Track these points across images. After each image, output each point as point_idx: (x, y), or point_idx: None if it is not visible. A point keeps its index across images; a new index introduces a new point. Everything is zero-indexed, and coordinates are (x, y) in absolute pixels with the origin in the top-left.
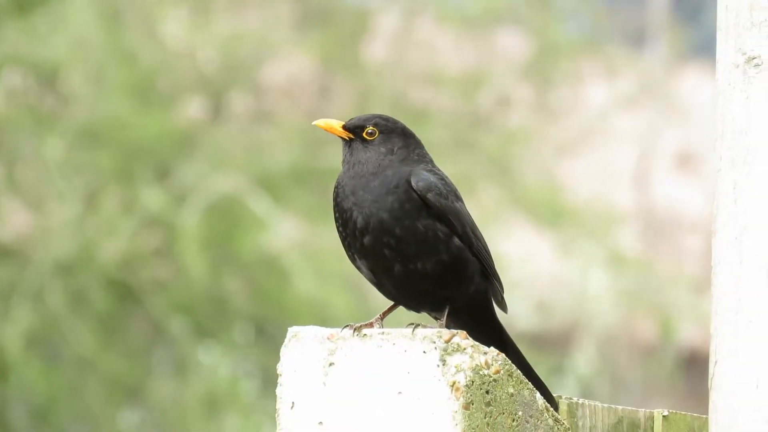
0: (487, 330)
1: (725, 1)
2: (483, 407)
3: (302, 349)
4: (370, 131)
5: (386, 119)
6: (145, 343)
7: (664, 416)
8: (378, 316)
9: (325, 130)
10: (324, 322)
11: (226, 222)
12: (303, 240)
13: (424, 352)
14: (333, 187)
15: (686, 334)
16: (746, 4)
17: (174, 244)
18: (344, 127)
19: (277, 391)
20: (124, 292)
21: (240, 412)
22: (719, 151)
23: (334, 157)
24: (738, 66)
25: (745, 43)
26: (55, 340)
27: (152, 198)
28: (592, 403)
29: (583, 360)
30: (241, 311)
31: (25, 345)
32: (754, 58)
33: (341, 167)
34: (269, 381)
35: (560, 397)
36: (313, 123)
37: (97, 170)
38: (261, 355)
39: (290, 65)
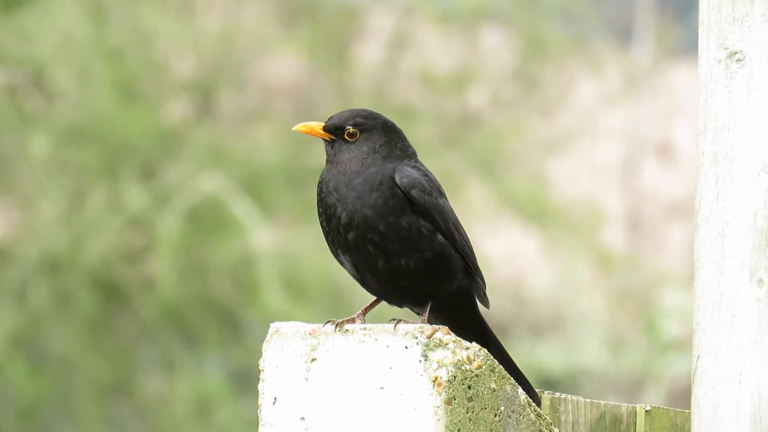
0: (470, 325)
1: None
2: (465, 402)
3: (284, 344)
4: (351, 132)
5: (365, 116)
6: (132, 342)
7: (646, 411)
8: (360, 311)
9: (307, 133)
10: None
11: (207, 224)
12: (285, 242)
13: (406, 347)
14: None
15: (672, 330)
16: None
17: (154, 245)
18: (325, 129)
19: (259, 386)
20: (110, 291)
21: (227, 410)
22: (701, 146)
23: (322, 155)
24: (720, 61)
25: (727, 38)
26: (40, 339)
27: (133, 197)
28: (574, 398)
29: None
30: (221, 312)
31: (10, 345)
32: (736, 53)
33: (324, 164)
34: (253, 378)
35: (542, 392)
36: (293, 128)
37: (83, 168)
38: (243, 354)
39: (278, 63)
